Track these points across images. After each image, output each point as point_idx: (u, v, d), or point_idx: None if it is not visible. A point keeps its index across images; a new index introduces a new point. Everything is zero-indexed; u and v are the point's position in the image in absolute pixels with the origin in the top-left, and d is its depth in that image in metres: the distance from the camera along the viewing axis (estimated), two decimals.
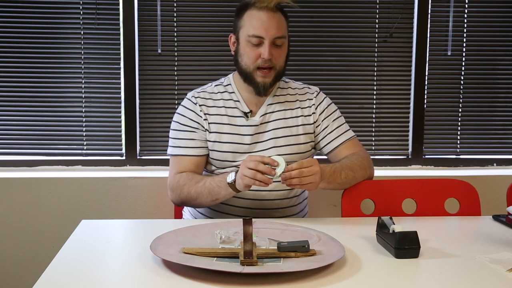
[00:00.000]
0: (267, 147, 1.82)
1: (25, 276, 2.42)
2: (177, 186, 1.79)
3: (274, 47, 1.76)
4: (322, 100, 1.91)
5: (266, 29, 1.74)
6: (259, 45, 1.75)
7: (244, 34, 1.77)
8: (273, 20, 1.75)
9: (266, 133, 1.83)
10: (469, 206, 1.86)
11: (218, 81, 1.93)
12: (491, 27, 2.61)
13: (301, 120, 1.87)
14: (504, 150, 2.69)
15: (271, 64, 1.77)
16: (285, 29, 1.80)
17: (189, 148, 1.83)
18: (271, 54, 1.75)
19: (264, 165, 1.56)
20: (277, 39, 1.75)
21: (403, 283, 1.20)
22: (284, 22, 1.80)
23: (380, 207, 1.84)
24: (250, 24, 1.76)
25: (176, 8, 2.50)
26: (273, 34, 1.74)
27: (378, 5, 2.56)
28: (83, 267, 1.26)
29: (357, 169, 1.80)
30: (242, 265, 1.21)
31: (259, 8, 1.75)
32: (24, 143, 2.52)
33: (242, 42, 1.79)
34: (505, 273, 1.23)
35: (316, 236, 1.41)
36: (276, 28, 1.75)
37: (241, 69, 1.81)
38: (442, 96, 2.64)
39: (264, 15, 1.75)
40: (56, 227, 2.41)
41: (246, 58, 1.78)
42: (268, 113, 1.85)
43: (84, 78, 2.50)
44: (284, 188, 1.80)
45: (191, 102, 1.86)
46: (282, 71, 1.83)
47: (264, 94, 1.83)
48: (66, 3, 2.46)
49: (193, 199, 1.76)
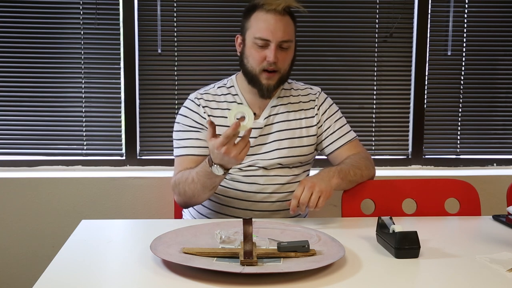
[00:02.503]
0: (271, 149, 1.81)
1: (25, 276, 2.42)
2: (176, 187, 1.77)
3: (280, 51, 1.74)
4: (324, 101, 1.91)
5: (272, 32, 1.71)
6: (265, 47, 1.73)
7: (250, 36, 1.76)
8: (280, 23, 1.72)
9: (270, 135, 1.82)
10: (469, 206, 1.86)
11: (221, 83, 1.91)
12: (491, 27, 2.61)
13: (304, 122, 1.86)
14: (504, 150, 2.69)
15: (276, 68, 1.75)
16: (292, 33, 1.77)
17: (193, 147, 1.80)
18: (276, 58, 1.73)
19: (232, 136, 1.48)
20: (284, 42, 1.73)
21: (403, 283, 1.20)
22: (292, 26, 1.77)
23: (380, 207, 1.84)
24: (257, 26, 1.74)
25: (176, 8, 2.50)
26: (279, 38, 1.72)
27: (378, 5, 2.56)
28: (83, 267, 1.26)
29: (363, 168, 1.81)
30: (242, 265, 1.21)
31: (267, 11, 1.73)
32: (24, 143, 2.52)
33: (248, 44, 1.77)
34: (505, 273, 1.23)
35: (316, 236, 1.41)
36: (283, 31, 1.72)
37: (247, 71, 1.79)
38: (442, 96, 2.64)
39: (271, 17, 1.72)
40: (56, 227, 2.41)
41: (252, 60, 1.76)
42: (272, 115, 1.84)
43: (84, 78, 2.50)
44: (285, 191, 1.81)
45: (194, 104, 1.84)
46: (286, 75, 1.81)
47: (268, 97, 1.81)
48: (66, 3, 2.46)
49: (191, 197, 1.72)
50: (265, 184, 1.80)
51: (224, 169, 1.58)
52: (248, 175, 1.80)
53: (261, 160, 1.80)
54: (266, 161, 1.80)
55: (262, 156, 1.80)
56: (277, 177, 1.81)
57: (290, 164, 1.83)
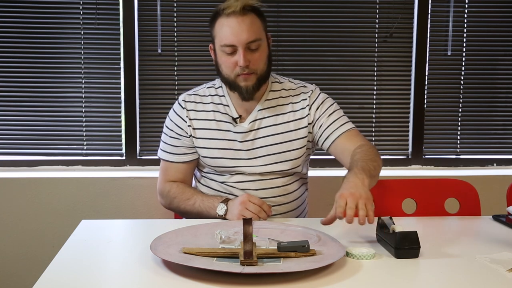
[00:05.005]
0: (258, 155, 1.77)
1: (25, 276, 2.42)
2: (167, 196, 1.83)
3: (249, 52, 1.68)
4: (317, 98, 1.82)
5: (236, 36, 1.66)
6: (233, 53, 1.68)
7: (218, 45, 1.72)
8: (242, 24, 1.66)
9: (257, 141, 1.77)
10: (469, 206, 1.86)
11: (211, 83, 1.87)
12: (491, 27, 2.61)
13: (293, 125, 1.79)
14: (504, 150, 2.69)
15: (249, 70, 1.69)
16: (259, 30, 1.70)
17: (174, 154, 1.83)
18: (247, 61, 1.67)
19: (264, 211, 1.62)
20: (251, 43, 1.67)
21: (403, 283, 1.20)
22: (258, 23, 1.70)
23: (380, 207, 1.84)
24: (221, 34, 1.69)
25: (176, 8, 2.50)
26: (245, 40, 1.66)
27: (378, 5, 2.56)
28: (83, 267, 1.26)
29: (377, 159, 1.65)
30: (242, 265, 1.21)
31: (228, 15, 1.67)
32: (24, 143, 2.52)
33: (218, 52, 1.73)
34: (505, 273, 1.23)
35: (316, 236, 1.41)
36: (247, 32, 1.66)
37: (224, 78, 1.76)
38: (442, 96, 2.64)
39: (232, 21, 1.67)
40: (56, 227, 2.41)
41: (225, 68, 1.72)
42: (258, 119, 1.78)
43: (84, 78, 2.50)
44: (279, 194, 1.80)
45: (180, 107, 1.83)
46: (265, 74, 1.75)
47: (249, 99, 1.75)
48: (66, 3, 2.46)
49: (181, 213, 1.83)
50: (258, 189, 1.77)
51: (226, 212, 1.67)
52: (239, 181, 1.78)
53: (248, 167, 1.77)
54: (253, 168, 1.77)
55: (249, 162, 1.77)
56: (269, 181, 1.79)
57: (281, 169, 1.78)
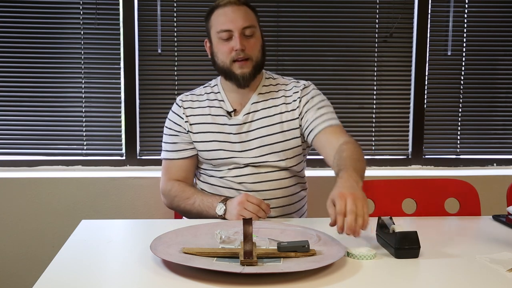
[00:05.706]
0: (253, 146, 1.80)
1: (25, 276, 2.42)
2: (168, 195, 1.87)
3: (245, 38, 1.75)
4: (308, 92, 1.84)
5: (232, 21, 1.74)
6: (229, 39, 1.76)
7: (214, 33, 1.79)
8: (238, 12, 1.76)
9: (251, 133, 1.81)
10: (469, 206, 1.86)
11: (207, 83, 1.94)
12: (491, 27, 2.61)
13: (285, 116, 1.82)
14: (504, 150, 2.69)
15: (245, 55, 1.75)
16: (253, 20, 1.79)
17: (174, 152, 1.87)
18: (243, 45, 1.74)
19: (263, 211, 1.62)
20: (246, 29, 1.75)
21: (403, 283, 1.20)
22: (252, 14, 1.79)
23: (380, 207, 1.84)
24: (217, 22, 1.78)
25: (176, 8, 2.50)
26: (240, 25, 1.74)
27: (378, 5, 2.56)
28: (83, 267, 1.26)
29: (363, 159, 1.62)
30: (242, 265, 1.21)
31: (224, 5, 1.77)
32: (24, 143, 2.52)
33: (214, 41, 1.80)
34: (505, 273, 1.23)
35: (316, 236, 1.41)
36: (242, 18, 1.75)
37: (219, 67, 1.81)
38: (442, 96, 2.64)
39: (229, 9, 1.76)
40: (56, 227, 2.41)
41: (221, 55, 1.78)
42: (252, 112, 1.82)
43: (84, 78, 2.50)
44: (276, 187, 1.81)
45: (177, 106, 1.89)
46: (260, 62, 1.81)
47: (245, 86, 1.79)
48: (66, 3, 2.46)
49: (182, 212, 1.86)
50: (254, 182, 1.79)
51: (225, 211, 1.68)
52: (236, 175, 1.81)
53: (243, 158, 1.80)
54: (248, 159, 1.80)
55: (244, 154, 1.80)
56: (265, 175, 1.80)
57: (274, 160, 1.80)
